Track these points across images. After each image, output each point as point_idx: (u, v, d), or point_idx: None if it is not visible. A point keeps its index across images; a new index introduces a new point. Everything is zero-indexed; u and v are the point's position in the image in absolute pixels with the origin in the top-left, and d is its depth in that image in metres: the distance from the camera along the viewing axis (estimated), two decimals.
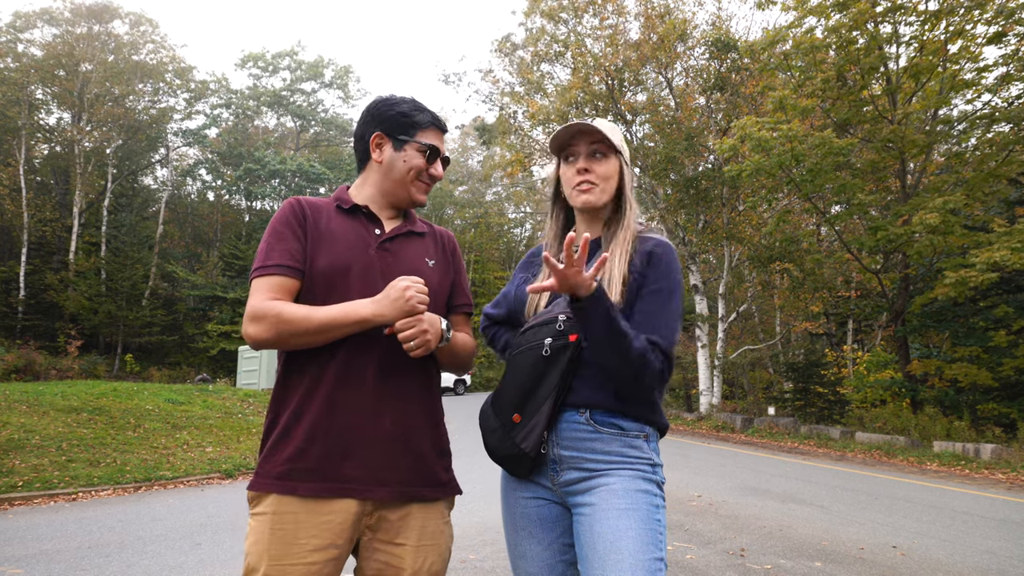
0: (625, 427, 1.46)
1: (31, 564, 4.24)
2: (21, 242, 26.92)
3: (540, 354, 1.47)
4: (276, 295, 1.43)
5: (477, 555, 4.44)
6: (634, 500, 1.40)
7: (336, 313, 1.39)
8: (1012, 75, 13.08)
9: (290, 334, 1.39)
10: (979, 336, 14.16)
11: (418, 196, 1.60)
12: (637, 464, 1.45)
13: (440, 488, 1.51)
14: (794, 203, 17.98)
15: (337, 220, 1.55)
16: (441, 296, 1.60)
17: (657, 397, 1.50)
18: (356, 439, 1.41)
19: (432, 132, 1.61)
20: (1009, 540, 5.27)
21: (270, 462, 1.42)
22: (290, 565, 1.34)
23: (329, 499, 1.38)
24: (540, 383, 1.46)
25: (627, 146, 1.70)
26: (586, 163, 1.58)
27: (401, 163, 1.57)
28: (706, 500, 6.76)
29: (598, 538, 1.37)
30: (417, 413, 1.49)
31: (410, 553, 1.43)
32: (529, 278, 1.68)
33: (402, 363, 1.46)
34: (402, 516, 1.44)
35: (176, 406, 11.78)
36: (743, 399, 25.10)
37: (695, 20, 20.07)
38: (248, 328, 1.41)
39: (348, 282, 1.47)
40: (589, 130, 1.57)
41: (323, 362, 1.44)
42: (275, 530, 1.36)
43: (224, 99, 36.78)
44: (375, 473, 1.41)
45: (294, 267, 1.46)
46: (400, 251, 1.56)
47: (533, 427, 1.45)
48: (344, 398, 1.42)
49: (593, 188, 1.57)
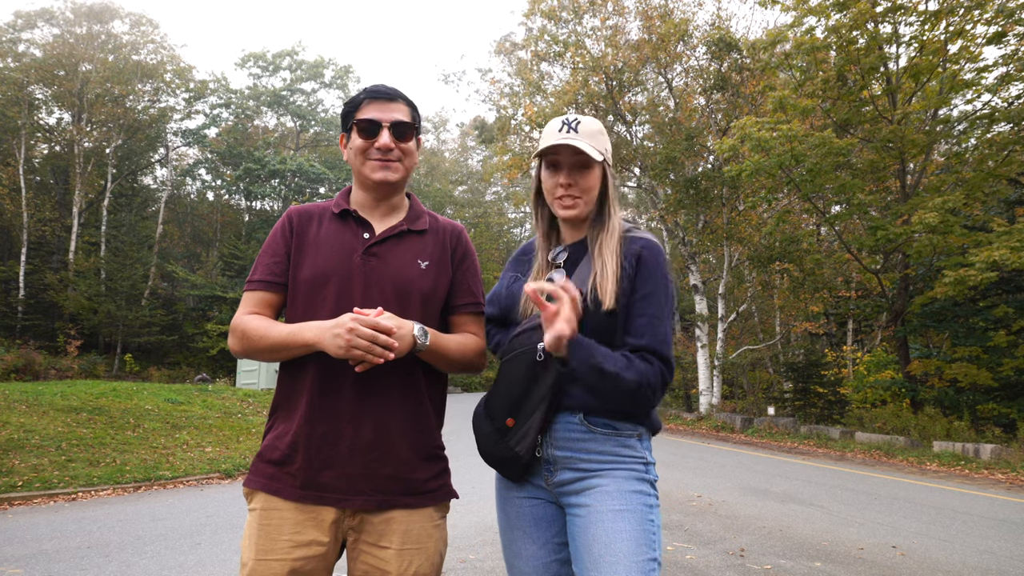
0: (619, 427, 1.47)
1: (30, 564, 4.24)
2: (21, 242, 26.90)
3: (534, 359, 1.47)
4: (255, 309, 1.51)
5: (477, 555, 4.44)
6: (628, 501, 1.41)
7: (285, 334, 1.42)
8: (1012, 75, 13.08)
9: (252, 350, 1.47)
10: (979, 336, 14.16)
11: (372, 175, 1.51)
12: (631, 463, 1.46)
13: (425, 496, 1.48)
14: (794, 203, 17.98)
15: (328, 227, 1.54)
16: (434, 300, 1.54)
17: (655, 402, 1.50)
18: (336, 448, 1.41)
19: (369, 106, 1.53)
20: (1009, 540, 5.27)
21: (261, 462, 1.47)
22: (274, 560, 1.38)
23: (309, 504, 1.41)
24: (534, 387, 1.46)
25: (625, 146, 1.69)
26: (568, 177, 1.54)
27: (350, 152, 1.55)
28: (706, 500, 6.75)
29: (593, 540, 1.38)
30: (399, 420, 1.45)
31: (394, 556, 1.42)
32: (519, 276, 1.67)
33: (383, 371, 1.41)
34: (384, 520, 1.44)
35: (176, 406, 11.78)
36: (743, 399, 25.09)
37: (695, 20, 20.07)
38: (228, 337, 1.54)
39: (326, 292, 1.47)
40: (573, 148, 1.52)
41: (307, 370, 1.45)
42: (262, 525, 1.41)
43: (224, 99, 36.72)
44: (352, 483, 1.41)
45: (273, 281, 1.53)
46: (388, 255, 1.51)
47: (527, 431, 1.46)
48: (324, 406, 1.43)
49: (576, 202, 1.55)
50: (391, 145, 1.51)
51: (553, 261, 1.62)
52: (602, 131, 1.58)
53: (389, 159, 1.52)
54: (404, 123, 1.53)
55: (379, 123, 1.51)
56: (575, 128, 1.55)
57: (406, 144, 1.54)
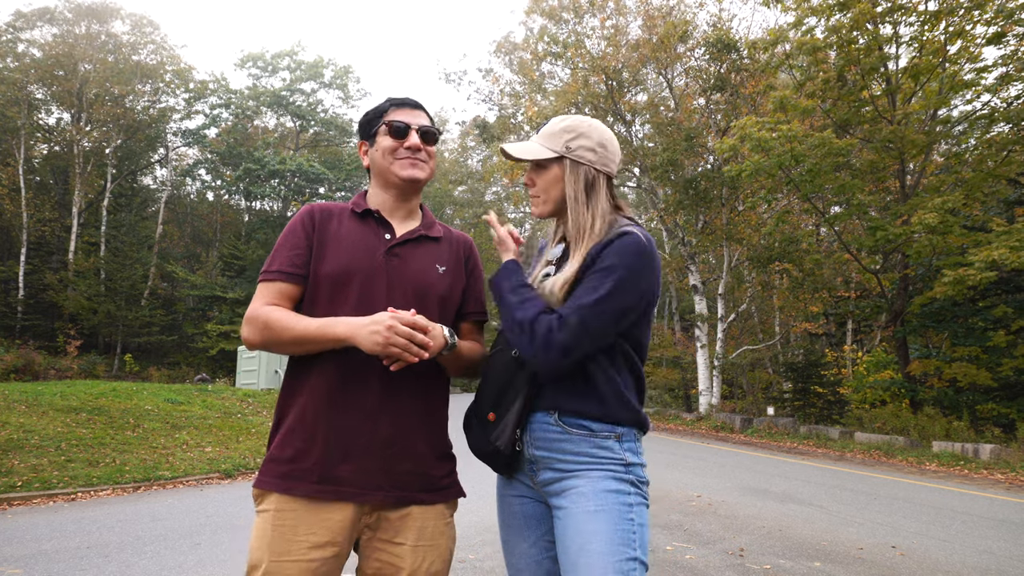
0: (594, 428, 1.45)
1: (30, 564, 4.24)
2: (20, 242, 26.90)
3: (511, 355, 1.49)
4: (274, 300, 1.49)
5: (477, 555, 4.45)
6: (603, 501, 1.40)
7: (313, 328, 1.41)
8: (1011, 75, 13.09)
9: (274, 341, 1.45)
10: (978, 336, 14.16)
11: (402, 172, 1.56)
12: (607, 464, 1.44)
13: (438, 492, 1.51)
14: (793, 203, 17.99)
15: (349, 225, 1.57)
16: (450, 303, 1.59)
17: (623, 388, 1.46)
18: (355, 442, 1.42)
19: (396, 111, 1.60)
20: (1008, 540, 5.27)
21: (274, 461, 1.45)
22: (290, 561, 1.36)
23: (326, 501, 1.40)
24: (511, 383, 1.49)
25: (625, 146, 1.71)
26: (529, 177, 1.61)
27: (377, 153, 1.60)
28: (705, 500, 6.76)
29: (569, 541, 1.39)
30: (417, 418, 1.49)
31: (408, 553, 1.44)
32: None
33: (404, 369, 1.43)
34: (401, 516, 1.45)
35: (175, 406, 11.77)
36: (742, 399, 25.10)
37: (696, 20, 20.09)
38: (243, 329, 1.49)
39: (350, 288, 1.48)
40: (510, 155, 1.58)
41: (327, 364, 1.45)
42: (276, 527, 1.39)
43: (224, 99, 36.69)
44: (371, 477, 1.42)
45: (295, 273, 1.51)
46: (409, 256, 1.55)
47: (505, 426, 1.47)
48: (345, 400, 1.43)
49: (537, 200, 1.60)
50: (420, 145, 1.58)
51: (548, 259, 1.65)
52: (569, 128, 1.55)
53: (418, 158, 1.58)
54: (430, 128, 1.62)
55: (409, 125, 1.58)
56: (539, 130, 1.61)
57: (431, 148, 1.62)
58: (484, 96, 25.33)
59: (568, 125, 1.56)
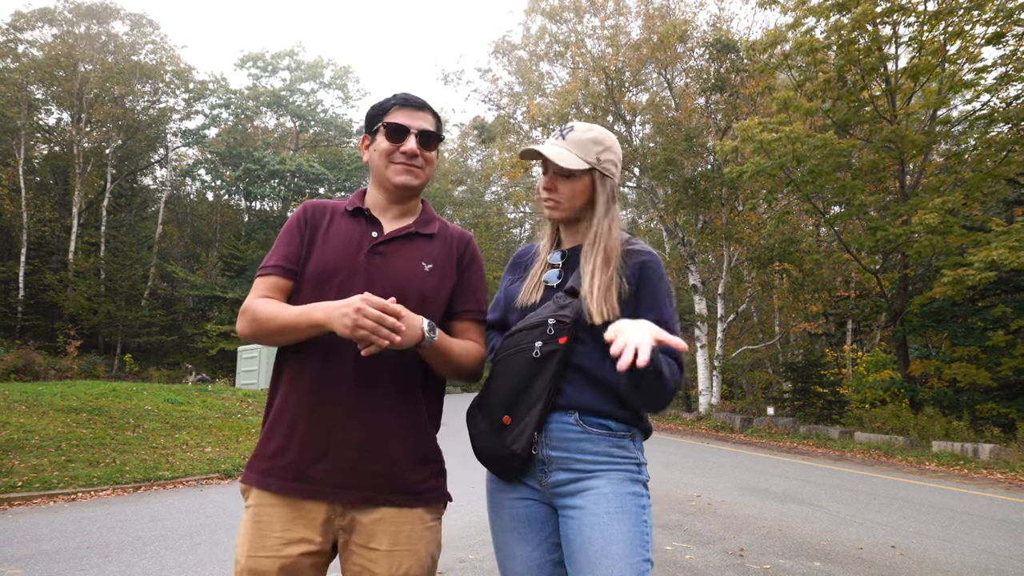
0: (613, 427, 1.48)
1: (30, 564, 4.24)
2: (20, 242, 26.88)
3: (530, 356, 1.48)
4: (267, 294, 1.51)
5: (476, 555, 4.45)
6: (623, 503, 1.42)
7: (294, 315, 1.41)
8: (1011, 75, 13.10)
9: (262, 332, 1.46)
10: (978, 336, 14.17)
11: (395, 178, 1.54)
12: (624, 464, 1.47)
13: (415, 496, 1.46)
14: (793, 204, 18.00)
15: (340, 223, 1.57)
16: (434, 302, 1.53)
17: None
18: (331, 440, 1.42)
19: (399, 111, 1.57)
20: (1007, 540, 5.28)
21: (257, 457, 1.47)
22: (264, 556, 1.38)
23: (299, 499, 1.41)
24: (530, 385, 1.48)
25: (626, 146, 1.71)
26: (550, 182, 1.59)
27: (375, 153, 1.58)
28: (705, 500, 6.76)
29: (588, 542, 1.39)
30: (393, 419, 1.45)
31: (383, 558, 1.42)
32: (516, 280, 1.69)
33: (381, 368, 1.43)
34: (374, 520, 1.43)
35: (175, 406, 11.77)
36: (742, 399, 25.09)
37: (695, 21, 20.10)
38: (237, 321, 1.53)
39: (330, 287, 1.48)
40: (541, 157, 1.57)
41: (306, 361, 1.46)
42: (255, 523, 1.42)
43: (223, 99, 36.68)
44: (343, 477, 1.41)
45: (288, 268, 1.53)
46: (393, 255, 1.53)
47: (523, 428, 1.47)
48: (322, 398, 1.43)
49: (557, 206, 1.59)
50: (417, 151, 1.55)
51: (550, 262, 1.64)
52: (598, 140, 1.57)
53: (413, 164, 1.56)
54: (431, 132, 1.58)
55: (408, 128, 1.55)
56: (564, 135, 1.58)
57: (429, 153, 1.59)
58: (483, 96, 25.37)
59: (596, 137, 1.58)
